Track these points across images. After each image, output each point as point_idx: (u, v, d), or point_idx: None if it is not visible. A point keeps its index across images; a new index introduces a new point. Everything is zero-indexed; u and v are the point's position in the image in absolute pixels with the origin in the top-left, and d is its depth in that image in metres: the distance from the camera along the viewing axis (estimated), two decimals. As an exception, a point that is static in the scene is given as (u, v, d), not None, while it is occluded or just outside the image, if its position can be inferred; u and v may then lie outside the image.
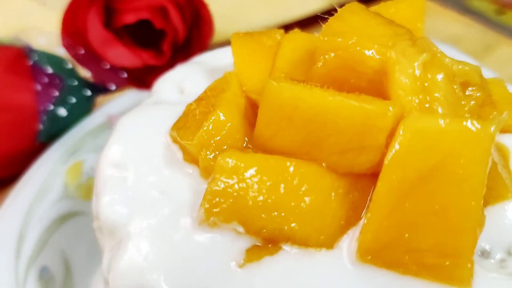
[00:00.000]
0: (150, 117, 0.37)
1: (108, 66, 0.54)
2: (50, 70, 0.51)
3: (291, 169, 0.29)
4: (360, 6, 0.34)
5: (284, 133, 0.30)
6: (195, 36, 0.56)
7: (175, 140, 0.34)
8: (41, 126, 0.50)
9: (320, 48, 0.31)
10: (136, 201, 0.32)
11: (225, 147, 0.32)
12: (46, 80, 0.50)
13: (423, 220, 0.27)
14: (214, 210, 0.29)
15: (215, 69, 0.43)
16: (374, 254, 0.27)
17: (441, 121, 0.27)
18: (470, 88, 0.32)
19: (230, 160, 0.29)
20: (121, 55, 0.55)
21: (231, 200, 0.29)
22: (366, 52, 0.31)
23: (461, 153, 0.26)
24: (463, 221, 0.26)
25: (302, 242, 0.28)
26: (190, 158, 0.33)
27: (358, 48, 0.31)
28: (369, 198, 0.29)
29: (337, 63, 0.31)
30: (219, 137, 0.32)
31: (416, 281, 0.27)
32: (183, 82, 0.41)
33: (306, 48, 0.37)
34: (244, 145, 0.32)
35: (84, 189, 0.50)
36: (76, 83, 0.53)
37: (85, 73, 0.57)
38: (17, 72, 0.49)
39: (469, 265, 0.27)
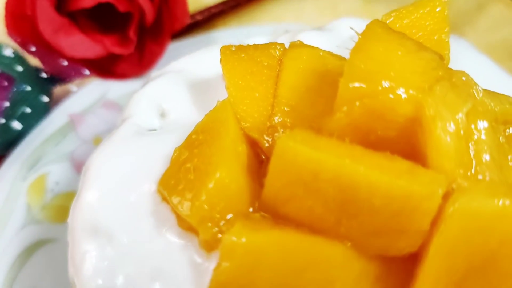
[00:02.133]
0: (130, 156, 0.31)
1: (65, 63, 0.46)
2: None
3: (314, 252, 0.24)
4: (383, 27, 0.28)
5: (300, 201, 0.25)
6: (165, 17, 0.48)
7: (165, 199, 0.28)
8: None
9: (343, 97, 0.25)
10: (126, 285, 0.26)
11: (230, 215, 0.26)
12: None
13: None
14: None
15: (199, 82, 0.36)
16: None
17: (499, 202, 0.22)
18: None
19: (238, 241, 0.24)
20: (79, 43, 0.47)
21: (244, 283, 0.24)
22: (398, 98, 0.25)
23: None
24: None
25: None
26: (186, 225, 0.27)
27: (390, 95, 0.25)
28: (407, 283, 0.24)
29: (363, 111, 0.26)
30: (222, 205, 0.26)
31: None
32: (163, 101, 0.35)
33: (312, 70, 0.31)
34: (251, 210, 0.27)
35: (51, 209, 0.44)
36: (29, 88, 0.45)
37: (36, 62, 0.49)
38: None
39: None
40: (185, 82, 0.36)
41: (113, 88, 0.51)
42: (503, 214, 0.22)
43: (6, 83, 0.43)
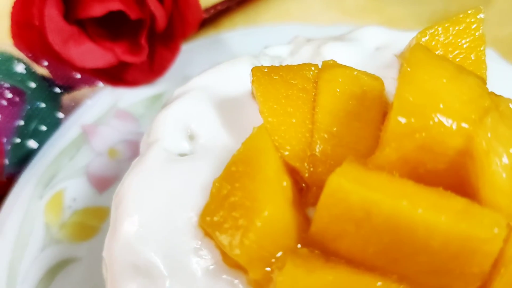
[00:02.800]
0: (165, 186, 0.30)
1: (78, 76, 0.44)
2: (6, 83, 0.41)
3: None
4: (425, 53, 0.27)
5: (352, 238, 0.25)
6: (176, 22, 0.47)
7: (208, 235, 0.28)
8: (6, 161, 0.41)
9: (393, 132, 0.25)
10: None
11: (280, 253, 0.26)
12: (3, 102, 0.40)
13: None
14: None
15: (225, 100, 0.35)
16: None
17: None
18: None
19: (292, 284, 0.24)
20: (89, 53, 0.45)
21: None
22: (449, 131, 0.25)
23: None
24: None
25: None
26: (233, 262, 0.27)
27: (440, 129, 0.25)
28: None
29: (413, 146, 0.25)
30: (271, 243, 0.26)
31: None
32: (190, 122, 0.34)
33: (349, 93, 0.31)
34: (299, 246, 0.26)
35: (70, 227, 0.43)
36: (43, 104, 0.43)
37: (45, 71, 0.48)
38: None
39: None
40: (211, 100, 0.35)
41: (124, 96, 0.49)
42: None
43: (17, 99, 0.41)
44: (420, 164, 0.25)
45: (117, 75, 0.48)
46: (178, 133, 0.34)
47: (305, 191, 0.29)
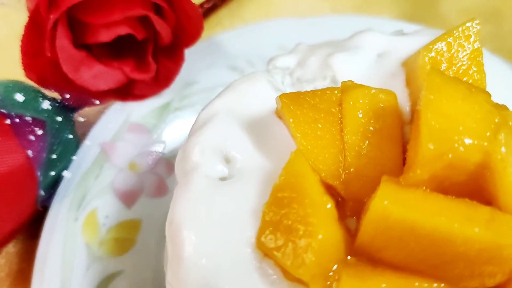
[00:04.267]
0: (216, 212, 0.33)
1: (98, 102, 0.46)
2: (27, 116, 0.43)
3: None
4: (441, 77, 0.31)
5: (395, 250, 0.29)
6: (180, 35, 0.49)
7: (267, 256, 0.32)
8: (41, 192, 0.43)
9: (424, 156, 0.29)
10: None
11: (335, 266, 0.30)
12: (30, 136, 0.42)
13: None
14: None
15: (251, 120, 0.38)
16: None
17: None
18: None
19: (352, 293, 0.28)
20: (101, 75, 0.47)
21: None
22: (470, 150, 0.29)
23: None
24: None
25: None
26: (293, 277, 0.31)
27: (461, 149, 0.29)
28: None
29: (441, 166, 0.29)
30: (327, 259, 0.30)
31: None
32: (224, 147, 0.37)
33: (371, 111, 0.34)
34: (349, 257, 0.31)
35: (108, 244, 0.46)
36: (71, 135, 0.45)
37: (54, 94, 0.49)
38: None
39: None
40: (239, 122, 0.38)
41: (134, 109, 0.52)
42: None
43: (42, 131, 0.43)
44: (446, 179, 0.30)
45: (125, 91, 0.50)
46: (215, 158, 0.37)
47: (341, 204, 0.33)
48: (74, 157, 0.47)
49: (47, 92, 0.48)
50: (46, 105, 0.43)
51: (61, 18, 0.43)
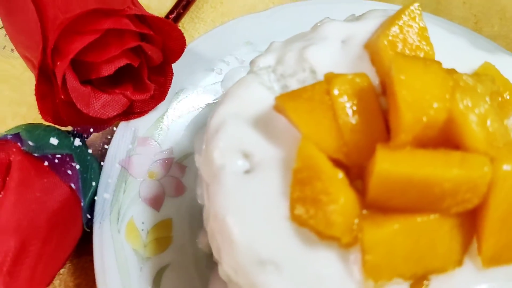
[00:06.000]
0: (251, 200, 0.42)
1: (114, 128, 0.52)
2: (54, 153, 0.49)
3: (422, 225, 0.38)
4: (403, 58, 0.40)
5: (398, 198, 0.38)
6: (166, 54, 0.55)
7: (302, 224, 0.40)
8: (88, 216, 0.50)
9: (404, 124, 0.38)
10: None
11: (356, 220, 0.39)
12: (68, 171, 0.48)
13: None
14: (377, 275, 0.38)
15: (256, 119, 0.46)
16: (495, 258, 0.39)
17: (519, 161, 0.37)
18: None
19: (374, 237, 0.38)
20: (108, 104, 0.53)
21: (388, 264, 0.38)
22: (437, 111, 0.38)
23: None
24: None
25: (441, 271, 0.39)
26: (326, 236, 0.40)
27: (432, 112, 0.38)
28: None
29: (419, 128, 0.38)
30: (349, 216, 0.39)
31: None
32: (241, 146, 0.45)
33: (355, 94, 0.43)
34: (364, 211, 0.40)
35: (151, 245, 0.53)
36: (82, 154, 0.52)
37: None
38: (37, 176, 0.47)
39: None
40: (247, 123, 0.46)
41: (139, 126, 0.58)
42: (523, 167, 0.37)
43: (73, 163, 0.49)
44: (424, 137, 0.39)
45: (127, 111, 0.57)
46: (235, 156, 0.44)
47: (347, 172, 0.42)
48: (101, 179, 0.54)
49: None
50: (77, 142, 0.49)
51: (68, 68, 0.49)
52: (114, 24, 0.48)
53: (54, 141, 0.47)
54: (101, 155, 0.58)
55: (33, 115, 0.64)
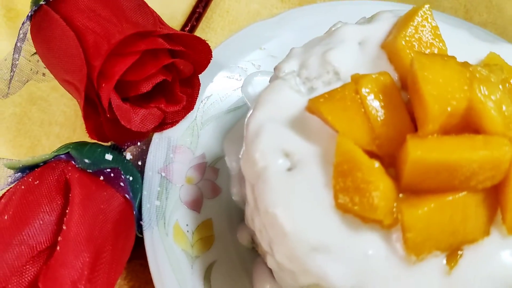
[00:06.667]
0: (297, 196, 0.46)
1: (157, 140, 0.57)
2: (107, 168, 0.53)
3: (454, 202, 0.43)
4: (425, 57, 0.45)
5: (431, 180, 0.43)
6: (196, 67, 0.59)
7: (347, 211, 0.45)
8: (141, 222, 0.54)
9: (432, 115, 0.43)
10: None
11: (395, 203, 0.44)
12: (120, 183, 0.52)
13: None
14: (418, 250, 0.43)
15: (292, 121, 0.51)
16: None
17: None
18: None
19: (413, 218, 0.43)
20: (146, 118, 0.57)
21: (426, 239, 0.43)
22: (459, 100, 0.43)
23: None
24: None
25: (472, 242, 0.45)
26: (370, 220, 0.44)
27: (454, 102, 0.43)
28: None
29: (444, 117, 0.43)
30: (389, 200, 0.44)
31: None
32: (280, 146, 0.49)
33: (380, 92, 0.48)
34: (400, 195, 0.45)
35: (197, 244, 0.58)
36: (127, 166, 0.56)
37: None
38: (97, 190, 0.51)
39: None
40: (283, 125, 0.50)
41: (172, 135, 0.62)
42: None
43: (123, 176, 0.54)
44: (448, 125, 0.44)
45: (161, 123, 0.61)
46: (277, 156, 0.49)
47: (381, 161, 0.47)
48: (144, 188, 0.58)
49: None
50: (128, 156, 0.53)
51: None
52: (150, 44, 0.52)
53: (109, 156, 0.51)
54: (137, 166, 0.62)
55: (66, 134, 0.68)
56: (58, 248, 0.44)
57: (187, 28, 0.72)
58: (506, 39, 0.79)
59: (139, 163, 0.60)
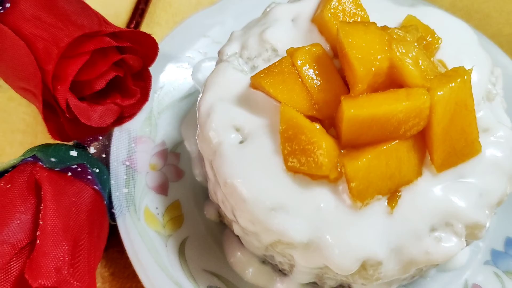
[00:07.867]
0: (251, 164, 0.51)
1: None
2: (73, 164, 0.57)
3: (388, 150, 0.49)
4: (348, 25, 0.50)
5: (366, 134, 0.49)
6: (145, 60, 0.63)
7: (297, 172, 0.50)
8: (112, 211, 0.58)
9: (358, 76, 0.48)
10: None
11: (338, 159, 0.49)
12: (88, 176, 0.56)
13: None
14: (362, 196, 0.49)
15: (239, 98, 0.55)
16: (444, 164, 0.50)
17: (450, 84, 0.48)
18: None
19: (355, 169, 0.48)
20: (104, 113, 0.61)
21: (368, 186, 0.49)
22: (381, 61, 0.49)
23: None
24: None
25: (408, 183, 0.50)
26: (319, 177, 0.50)
27: (377, 63, 0.49)
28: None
29: (370, 77, 0.49)
30: (332, 157, 0.49)
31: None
32: (231, 122, 0.54)
33: (314, 61, 0.53)
34: (342, 151, 0.50)
35: (168, 224, 0.62)
36: (92, 160, 0.59)
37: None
38: (67, 185, 0.54)
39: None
40: (231, 103, 0.55)
41: (131, 127, 0.66)
42: (453, 91, 0.49)
43: (90, 169, 0.57)
44: (375, 83, 0.50)
45: (119, 117, 0.64)
46: (229, 131, 0.53)
47: (322, 123, 0.52)
48: (111, 179, 0.62)
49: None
50: (92, 150, 0.57)
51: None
52: (97, 44, 0.56)
53: (73, 153, 0.55)
54: (101, 159, 0.66)
55: (29, 140, 0.71)
56: (38, 241, 0.48)
57: (132, 25, 0.75)
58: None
59: (104, 156, 0.64)
